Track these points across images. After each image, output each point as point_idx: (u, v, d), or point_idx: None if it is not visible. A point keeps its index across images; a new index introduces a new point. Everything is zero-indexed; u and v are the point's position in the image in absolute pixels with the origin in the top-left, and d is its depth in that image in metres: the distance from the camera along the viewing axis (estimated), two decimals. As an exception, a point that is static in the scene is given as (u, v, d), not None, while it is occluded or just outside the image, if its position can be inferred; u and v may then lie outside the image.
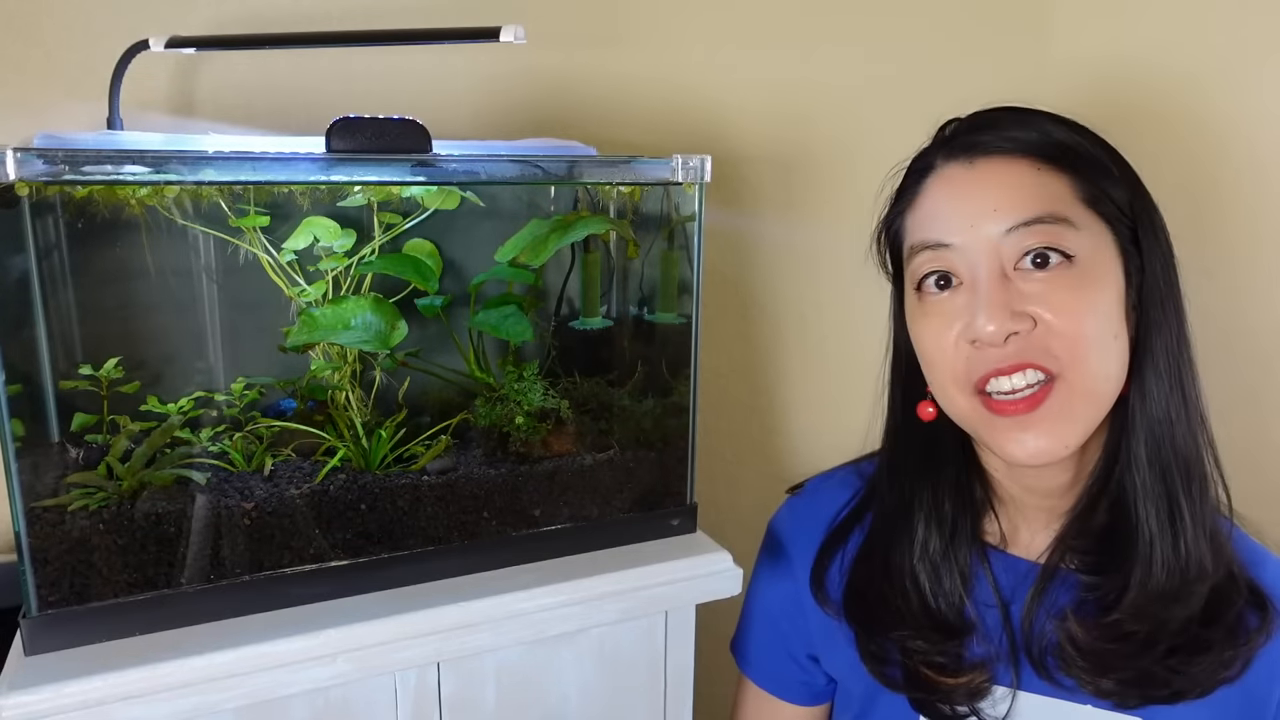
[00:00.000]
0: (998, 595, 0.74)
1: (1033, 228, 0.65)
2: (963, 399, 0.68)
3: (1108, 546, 0.71)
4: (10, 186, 0.58)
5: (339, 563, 0.69)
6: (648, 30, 1.00)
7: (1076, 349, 0.65)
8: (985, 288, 0.66)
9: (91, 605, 0.62)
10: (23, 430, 0.60)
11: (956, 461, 0.75)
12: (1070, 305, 0.65)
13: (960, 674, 0.72)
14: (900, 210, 0.73)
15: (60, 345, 0.67)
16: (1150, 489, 0.69)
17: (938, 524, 0.74)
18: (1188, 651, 0.68)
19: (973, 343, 0.66)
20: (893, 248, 0.75)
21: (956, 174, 0.69)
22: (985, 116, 0.71)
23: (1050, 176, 0.67)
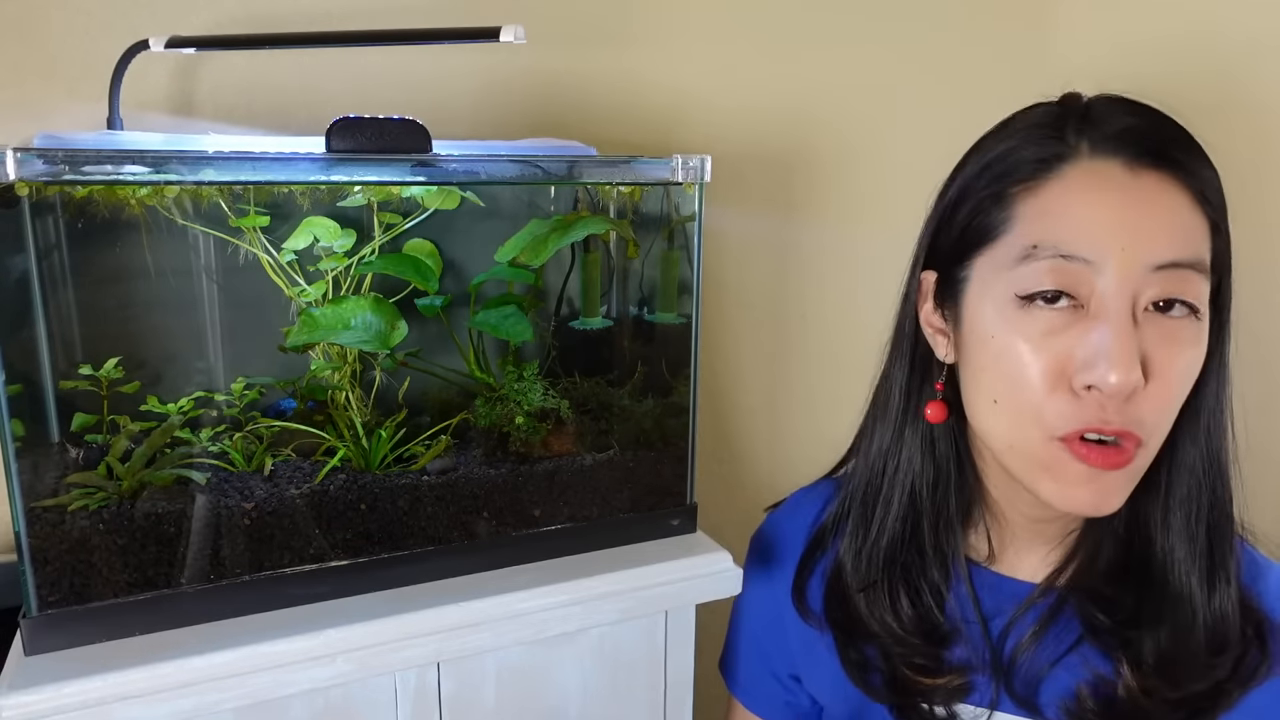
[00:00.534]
0: (978, 611, 0.70)
1: (1182, 272, 0.58)
2: (1035, 438, 0.61)
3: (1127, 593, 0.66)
4: (10, 186, 0.58)
5: (339, 563, 0.69)
6: (647, 30, 1.00)
7: (1165, 415, 0.60)
8: (1120, 328, 0.57)
9: (91, 605, 0.62)
10: (23, 430, 0.60)
11: (950, 467, 0.71)
12: (1178, 367, 0.59)
13: (939, 675, 0.69)
14: (1003, 191, 0.62)
15: (60, 345, 0.67)
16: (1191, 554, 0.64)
17: (926, 527, 0.71)
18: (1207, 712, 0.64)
19: (1087, 389, 0.58)
20: (969, 232, 0.64)
21: (1113, 176, 0.59)
22: (1135, 111, 0.62)
23: (1201, 215, 0.60)
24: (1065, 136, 0.61)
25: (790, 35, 1.07)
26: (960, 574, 0.71)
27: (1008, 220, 0.62)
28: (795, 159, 1.10)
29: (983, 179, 0.64)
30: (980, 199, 0.63)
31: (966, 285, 0.65)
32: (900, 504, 0.71)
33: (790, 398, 1.15)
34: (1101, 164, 0.60)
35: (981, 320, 0.63)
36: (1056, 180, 0.60)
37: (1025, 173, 0.61)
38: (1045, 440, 0.60)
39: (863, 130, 1.12)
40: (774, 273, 1.11)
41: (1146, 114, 0.62)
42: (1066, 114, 0.63)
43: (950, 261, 0.66)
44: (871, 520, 0.73)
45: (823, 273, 1.13)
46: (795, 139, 1.09)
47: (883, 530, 0.72)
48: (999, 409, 0.63)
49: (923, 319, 0.70)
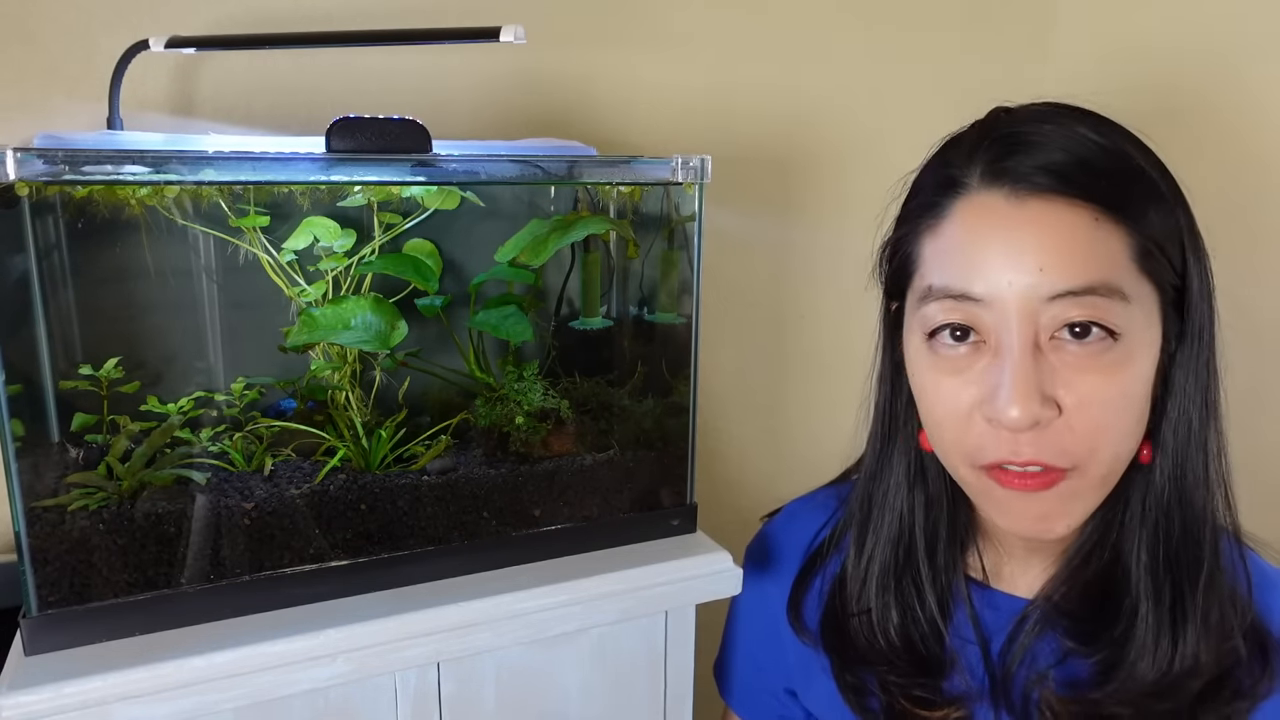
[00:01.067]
0: (978, 632, 0.69)
1: (1081, 299, 0.55)
2: (966, 470, 0.62)
3: (1099, 612, 0.65)
4: (10, 186, 0.58)
5: (339, 563, 0.69)
6: (648, 30, 1.00)
7: (1094, 444, 0.58)
8: (1015, 363, 0.56)
9: (91, 605, 0.62)
10: (23, 430, 0.60)
11: (941, 489, 0.70)
12: (1099, 393, 0.57)
13: (937, 708, 0.68)
14: (916, 229, 0.62)
15: (60, 345, 0.67)
16: (1155, 578, 0.63)
17: (921, 552, 0.70)
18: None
19: (989, 420, 0.58)
20: (900, 267, 0.65)
21: (999, 209, 0.57)
22: (1041, 130, 0.59)
23: (1109, 231, 0.56)
24: (962, 170, 0.60)
25: (790, 35, 1.07)
26: (960, 594, 0.71)
27: (917, 259, 0.62)
28: (795, 159, 1.10)
29: (907, 210, 0.65)
30: (904, 235, 0.64)
31: (902, 319, 0.66)
32: (890, 529, 0.71)
33: (790, 397, 1.15)
34: (987, 195, 0.58)
35: (909, 358, 0.64)
36: (948, 218, 0.60)
37: (928, 211, 0.61)
38: (972, 470, 0.61)
39: (863, 130, 1.12)
40: (774, 273, 1.11)
41: (1046, 130, 0.59)
42: (976, 137, 0.61)
43: (894, 295, 0.67)
44: (864, 545, 0.72)
45: (822, 273, 1.13)
46: (795, 139, 1.09)
47: (874, 556, 0.71)
48: (933, 440, 0.64)
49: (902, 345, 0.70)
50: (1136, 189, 0.58)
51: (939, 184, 0.61)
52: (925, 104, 1.15)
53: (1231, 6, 1.06)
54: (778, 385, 1.15)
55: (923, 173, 0.65)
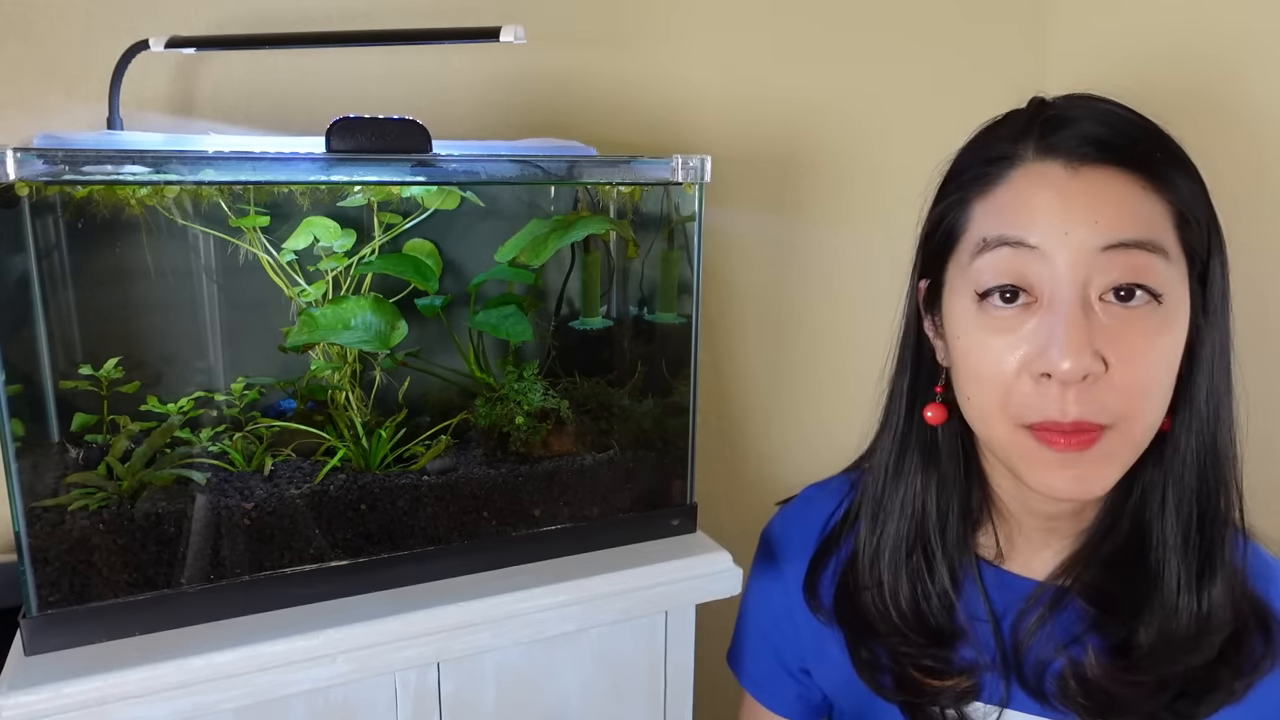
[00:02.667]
0: (989, 609, 0.71)
1: (1131, 251, 0.59)
2: (1005, 431, 0.63)
3: (1121, 582, 0.68)
4: (10, 186, 0.58)
5: (339, 563, 0.69)
6: (648, 30, 1.00)
7: (1135, 403, 0.60)
8: (1068, 316, 0.59)
9: (91, 605, 0.62)
10: (23, 430, 0.60)
11: (956, 467, 0.72)
12: (1143, 354, 0.60)
13: (948, 677, 0.70)
14: (964, 199, 0.65)
15: (60, 345, 0.67)
16: (1184, 541, 0.65)
17: (933, 529, 0.72)
18: (1196, 695, 0.65)
19: (1043, 375, 0.60)
20: (941, 238, 0.67)
21: (1055, 176, 0.61)
22: (1085, 110, 0.63)
23: (1154, 197, 0.60)
24: (1014, 144, 0.64)
25: (790, 35, 1.07)
26: (971, 573, 0.72)
27: (966, 223, 0.65)
28: (795, 159, 1.10)
29: (951, 187, 0.67)
30: (947, 205, 0.67)
31: (943, 289, 0.68)
32: (907, 506, 0.73)
33: (790, 397, 1.15)
34: (1043, 166, 0.62)
35: (953, 321, 0.66)
36: (1004, 184, 0.63)
37: (979, 181, 0.64)
38: (1013, 429, 0.63)
39: (862, 131, 1.12)
40: (774, 272, 1.11)
41: (1094, 114, 0.63)
42: (1024, 121, 0.65)
43: (933, 268, 0.69)
44: (879, 522, 0.74)
45: (822, 272, 1.13)
46: (795, 139, 1.09)
47: (889, 532, 0.73)
48: (972, 404, 0.65)
49: (926, 325, 0.72)
50: (1174, 163, 0.62)
51: (990, 159, 0.64)
52: (925, 105, 1.15)
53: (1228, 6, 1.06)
54: (778, 385, 1.15)
55: (965, 154, 0.68)
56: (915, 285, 0.72)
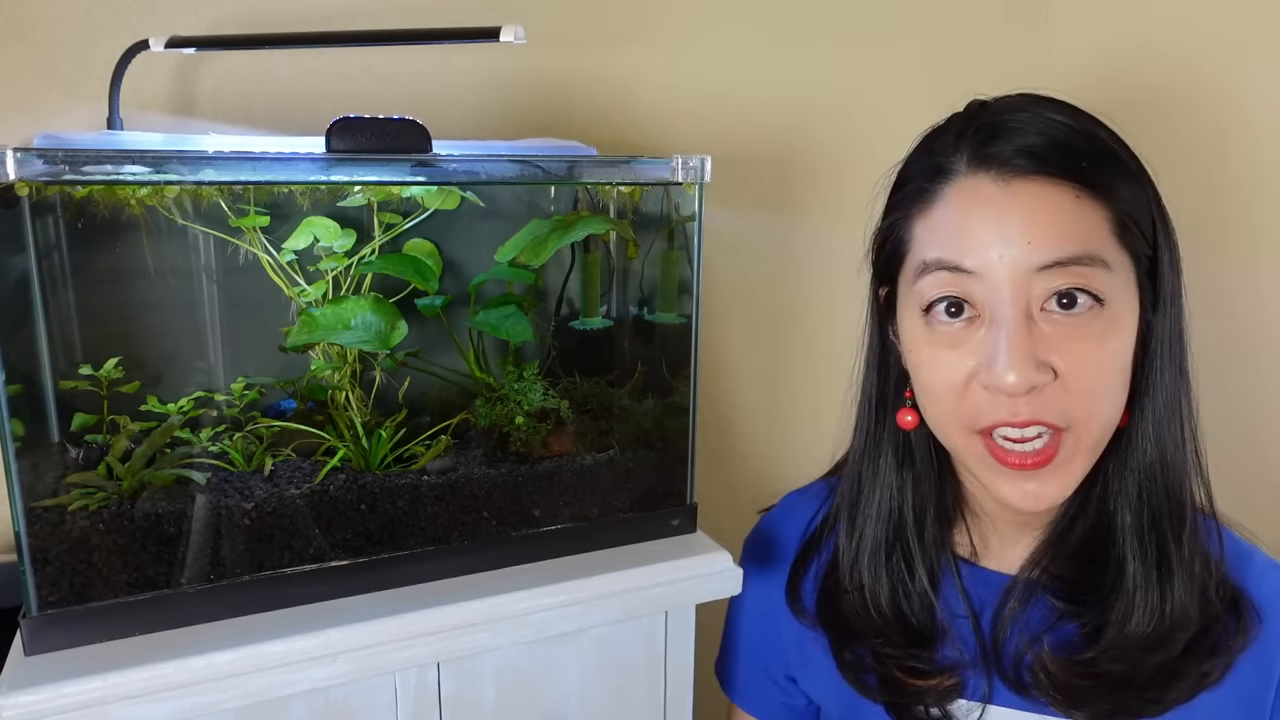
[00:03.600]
0: (968, 606, 0.72)
1: (1068, 268, 0.59)
2: (961, 437, 0.65)
3: (1086, 575, 0.68)
4: (10, 186, 0.58)
5: (339, 563, 0.69)
6: (648, 30, 1.00)
7: (1090, 405, 0.61)
8: (1010, 331, 0.60)
9: (91, 605, 0.62)
10: (23, 430, 0.60)
11: (928, 469, 0.73)
12: (1091, 358, 0.60)
13: (931, 676, 0.70)
14: (908, 215, 0.66)
15: (60, 345, 0.67)
16: (1140, 535, 0.66)
17: (910, 530, 0.72)
18: (1163, 684, 0.66)
19: (987, 388, 0.61)
20: (890, 251, 0.69)
21: (986, 191, 0.61)
22: (1019, 118, 0.63)
23: (1089, 206, 0.61)
24: (949, 157, 0.64)
25: (789, 36, 1.07)
26: (949, 570, 0.73)
27: (909, 242, 0.66)
28: (795, 159, 1.10)
29: (895, 200, 0.68)
30: (895, 222, 0.68)
31: (896, 301, 0.69)
32: (883, 508, 0.73)
33: (790, 397, 1.15)
34: (975, 180, 0.62)
35: (904, 334, 0.67)
36: (939, 202, 0.63)
37: (918, 197, 0.65)
38: (968, 436, 0.64)
39: (863, 130, 1.12)
40: (774, 272, 1.11)
41: (1025, 119, 0.63)
42: (960, 129, 0.65)
43: (885, 279, 0.70)
44: (856, 524, 0.75)
45: (822, 273, 1.13)
46: (795, 139, 1.09)
47: (867, 535, 0.74)
48: (929, 413, 0.67)
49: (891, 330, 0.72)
50: (1110, 167, 0.62)
51: (927, 172, 0.65)
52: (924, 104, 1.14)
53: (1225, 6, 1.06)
54: (777, 385, 1.15)
55: (908, 164, 0.69)
56: (875, 293, 0.73)
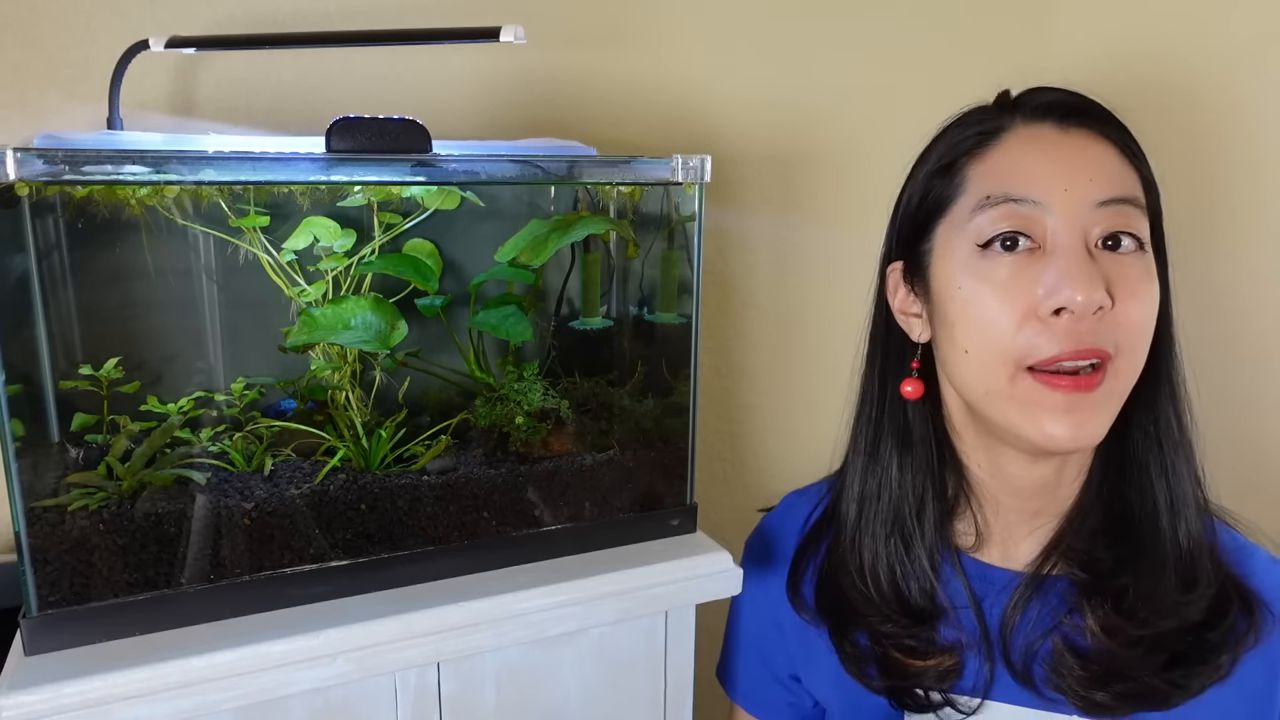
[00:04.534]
0: (970, 594, 0.72)
1: (1121, 207, 0.64)
2: (1007, 375, 0.64)
3: (1108, 547, 0.70)
4: (10, 186, 0.58)
5: (339, 563, 0.69)
6: (647, 30, 1.00)
7: (1135, 338, 0.64)
8: (1076, 256, 0.62)
9: (91, 605, 0.62)
10: (23, 430, 0.60)
11: (929, 450, 0.74)
12: (1142, 292, 0.64)
13: (929, 656, 0.71)
14: (953, 163, 0.68)
15: (60, 345, 0.67)
16: (1156, 491, 0.69)
17: (910, 513, 0.73)
18: (1190, 661, 0.66)
19: (1056, 313, 0.62)
20: (932, 206, 0.70)
21: (1047, 135, 0.66)
22: (1066, 90, 0.69)
23: (1128, 164, 0.67)
24: (999, 115, 0.69)
25: (790, 35, 1.07)
26: (950, 561, 0.74)
27: (960, 185, 0.68)
28: (795, 158, 1.10)
29: (930, 166, 0.70)
30: (931, 180, 0.70)
31: (930, 255, 0.70)
32: (885, 489, 0.75)
33: (791, 397, 1.15)
34: (1035, 128, 0.67)
35: (948, 278, 0.68)
36: (997, 146, 0.67)
37: (969, 145, 0.68)
38: (1018, 374, 0.64)
39: (862, 129, 1.12)
40: (774, 272, 1.11)
41: (1069, 92, 0.69)
42: (997, 102, 0.70)
43: (912, 242, 0.71)
44: (859, 507, 0.76)
45: (823, 272, 1.13)
46: (795, 138, 1.09)
47: (868, 516, 0.75)
48: (971, 358, 0.67)
49: (896, 309, 0.74)
50: (1133, 143, 0.68)
51: (977, 127, 0.68)
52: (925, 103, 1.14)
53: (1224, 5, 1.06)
54: (778, 385, 1.15)
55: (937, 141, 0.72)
56: (884, 272, 0.75)
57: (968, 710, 0.71)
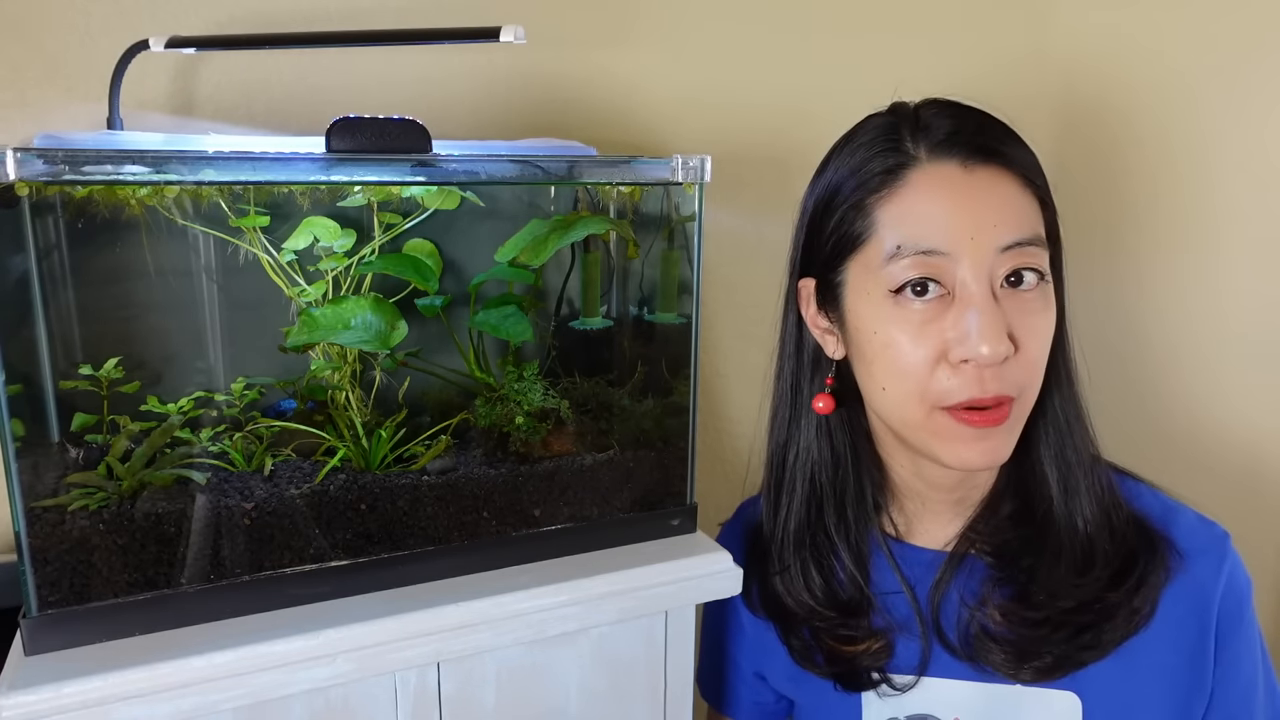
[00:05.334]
0: (901, 578, 0.76)
1: (1025, 249, 0.66)
2: (922, 414, 0.68)
3: (1017, 533, 0.74)
4: (10, 186, 0.58)
5: (339, 563, 0.69)
6: (648, 30, 1.00)
7: (1035, 374, 0.68)
8: (982, 307, 0.65)
9: (91, 605, 0.62)
10: (23, 430, 0.60)
11: (846, 452, 0.77)
12: (1040, 329, 0.68)
13: (860, 642, 0.75)
14: (861, 201, 0.69)
15: (60, 345, 0.67)
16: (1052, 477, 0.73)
17: (830, 512, 0.77)
18: (1098, 626, 0.71)
19: (963, 362, 0.65)
20: (837, 241, 0.71)
21: (953, 177, 0.67)
22: (958, 113, 0.70)
23: (1029, 193, 0.68)
24: (903, 145, 0.69)
25: (790, 35, 1.07)
26: (879, 548, 0.78)
27: (871, 226, 0.69)
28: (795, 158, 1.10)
29: (841, 193, 0.71)
30: (843, 211, 0.70)
31: (844, 288, 0.72)
32: (802, 490, 0.78)
33: (790, 398, 1.15)
34: (939, 167, 0.67)
35: (862, 318, 0.70)
36: (904, 186, 0.68)
37: (877, 183, 0.69)
38: (932, 411, 0.68)
39: (863, 130, 1.12)
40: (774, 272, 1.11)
41: (968, 116, 0.70)
42: (900, 124, 0.70)
43: (825, 268, 0.73)
44: (779, 508, 0.80)
45: (823, 273, 1.13)
46: (795, 138, 1.09)
47: (789, 515, 0.79)
48: (888, 394, 0.70)
49: (809, 321, 0.76)
50: (1035, 162, 0.70)
51: (883, 160, 0.69)
52: (925, 104, 1.14)
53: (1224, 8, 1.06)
54: (778, 385, 1.14)
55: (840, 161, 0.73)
56: (794, 283, 0.77)
57: (903, 687, 0.75)
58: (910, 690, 0.75)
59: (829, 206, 0.72)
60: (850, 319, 0.71)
